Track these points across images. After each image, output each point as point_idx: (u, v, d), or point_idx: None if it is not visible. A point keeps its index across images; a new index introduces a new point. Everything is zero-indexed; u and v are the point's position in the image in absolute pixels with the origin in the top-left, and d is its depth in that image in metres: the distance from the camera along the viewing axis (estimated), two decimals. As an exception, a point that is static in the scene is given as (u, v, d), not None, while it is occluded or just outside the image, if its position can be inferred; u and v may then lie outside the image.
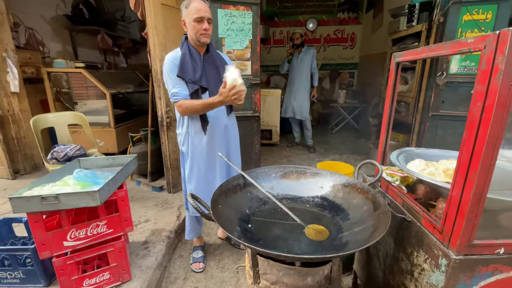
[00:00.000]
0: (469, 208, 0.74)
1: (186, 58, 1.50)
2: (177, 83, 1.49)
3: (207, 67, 1.58)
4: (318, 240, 1.02)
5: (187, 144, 1.64)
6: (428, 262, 0.91)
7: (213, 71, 1.60)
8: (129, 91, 3.82)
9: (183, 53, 1.51)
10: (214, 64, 1.62)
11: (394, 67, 1.14)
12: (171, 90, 1.50)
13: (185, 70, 1.49)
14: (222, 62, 1.66)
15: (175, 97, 1.50)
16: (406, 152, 1.26)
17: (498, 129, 0.68)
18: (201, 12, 1.43)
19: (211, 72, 1.59)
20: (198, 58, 1.54)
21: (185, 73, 1.49)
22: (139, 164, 2.88)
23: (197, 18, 1.43)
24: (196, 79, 1.51)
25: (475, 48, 0.73)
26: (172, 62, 1.50)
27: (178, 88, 1.49)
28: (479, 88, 0.71)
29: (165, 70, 1.51)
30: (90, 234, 1.40)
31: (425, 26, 2.70)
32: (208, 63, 1.59)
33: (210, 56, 1.61)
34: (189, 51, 1.52)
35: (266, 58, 6.34)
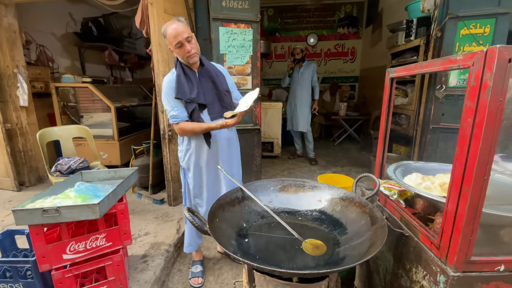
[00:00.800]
0: (464, 223, 0.74)
1: (181, 79, 1.52)
2: (175, 106, 1.53)
3: (203, 83, 1.59)
4: (316, 255, 1.01)
5: (187, 159, 1.65)
6: (426, 279, 0.90)
7: (209, 85, 1.61)
8: (134, 105, 3.90)
9: (178, 74, 1.53)
10: (210, 78, 1.62)
11: (389, 82, 1.17)
12: (170, 112, 1.53)
13: (182, 91, 1.51)
14: (217, 74, 1.66)
15: (174, 119, 1.52)
16: (403, 165, 1.26)
17: (490, 144, 0.68)
18: (178, 37, 1.43)
19: (208, 87, 1.60)
20: (193, 76, 1.56)
21: (182, 93, 1.51)
22: (140, 177, 2.90)
23: (176, 44, 1.45)
24: (193, 98, 1.53)
25: (464, 65, 0.75)
26: (169, 85, 1.54)
27: (176, 111, 1.52)
28: (469, 103, 0.72)
29: (163, 93, 1.55)
30: (89, 247, 1.41)
31: (423, 41, 2.75)
32: (204, 78, 1.60)
33: (205, 71, 1.62)
34: (183, 71, 1.54)
35: (268, 72, 6.46)
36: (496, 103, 0.67)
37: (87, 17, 4.52)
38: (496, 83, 0.66)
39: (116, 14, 4.61)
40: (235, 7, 2.33)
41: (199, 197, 1.73)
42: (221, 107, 1.65)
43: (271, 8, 6.09)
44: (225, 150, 1.70)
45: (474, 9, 2.33)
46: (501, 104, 0.67)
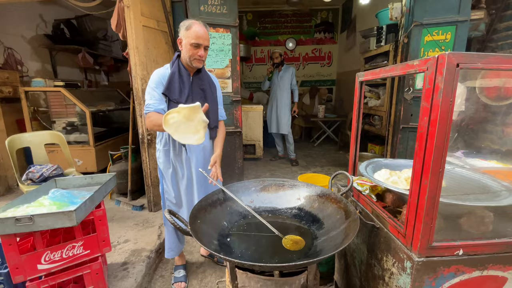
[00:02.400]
0: (425, 212, 0.82)
1: (174, 77, 1.50)
2: (155, 97, 1.48)
3: (194, 88, 1.58)
4: (295, 250, 1.06)
5: (164, 161, 1.64)
6: (395, 266, 0.97)
7: (200, 92, 1.61)
8: (110, 109, 3.79)
9: (172, 72, 1.50)
10: (202, 86, 1.62)
11: (358, 85, 1.25)
12: (147, 101, 1.49)
13: (172, 89, 1.49)
14: (210, 84, 1.67)
15: (147, 108, 1.47)
16: (374, 162, 1.35)
17: (443, 140, 0.77)
18: (200, 40, 1.43)
19: (198, 94, 1.59)
20: (186, 78, 1.54)
21: (171, 92, 1.49)
22: (119, 183, 2.82)
23: (195, 43, 1.43)
24: (181, 100, 1.51)
25: (420, 70, 0.83)
26: (159, 78, 1.50)
27: (154, 101, 1.47)
28: (425, 104, 0.80)
29: (150, 83, 1.50)
30: (65, 256, 1.36)
31: (392, 46, 2.93)
32: (196, 84, 1.59)
33: (200, 78, 1.61)
34: (178, 70, 1.52)
35: (248, 75, 6.52)
36: (447, 103, 0.75)
37: (58, 18, 4.33)
38: (446, 86, 0.74)
39: (90, 16, 4.46)
40: (214, 12, 2.37)
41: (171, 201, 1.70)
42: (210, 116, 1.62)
43: (250, 12, 6.18)
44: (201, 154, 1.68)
45: (436, 17, 2.54)
46: (451, 104, 0.75)
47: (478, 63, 0.76)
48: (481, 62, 0.76)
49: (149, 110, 1.47)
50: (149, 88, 1.51)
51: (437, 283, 0.90)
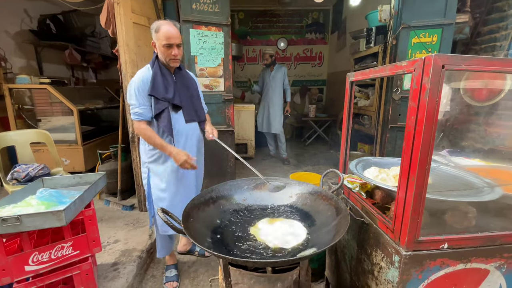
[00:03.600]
0: (412, 207, 0.85)
1: (157, 77, 1.53)
2: (143, 104, 1.51)
3: (178, 85, 1.62)
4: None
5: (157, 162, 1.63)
6: (384, 260, 1.00)
7: (184, 88, 1.65)
8: (99, 107, 3.72)
9: (154, 72, 1.53)
10: (185, 82, 1.67)
11: (349, 85, 1.28)
12: (135, 109, 1.51)
13: (157, 89, 1.51)
14: (192, 83, 1.72)
15: (138, 116, 1.51)
16: (364, 161, 1.39)
17: (429, 138, 0.80)
18: (170, 39, 1.47)
19: (182, 90, 1.63)
20: (169, 77, 1.58)
21: (157, 91, 1.51)
22: (108, 182, 2.77)
23: (166, 44, 1.47)
24: (168, 97, 1.54)
25: (408, 71, 0.87)
26: (142, 81, 1.51)
27: (143, 109, 1.51)
28: (412, 104, 0.84)
29: (132, 87, 1.51)
30: (54, 257, 1.34)
31: (381, 48, 3.00)
32: (179, 81, 1.64)
33: (182, 75, 1.66)
34: (160, 70, 1.55)
35: (240, 74, 6.52)
36: (433, 103, 0.78)
37: (44, 14, 4.20)
38: (432, 86, 0.77)
39: (77, 12, 4.35)
40: (206, 10, 2.36)
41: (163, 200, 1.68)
42: (195, 111, 1.69)
43: (242, 11, 6.18)
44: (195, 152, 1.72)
45: (423, 20, 2.61)
46: (437, 104, 0.78)
47: (462, 65, 0.79)
48: (465, 64, 0.79)
49: (139, 119, 1.52)
50: (133, 91, 1.51)
51: (423, 276, 0.93)
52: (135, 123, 1.54)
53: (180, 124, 1.62)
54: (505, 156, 1.81)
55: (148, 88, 1.51)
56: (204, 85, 2.44)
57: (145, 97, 1.51)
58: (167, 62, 1.54)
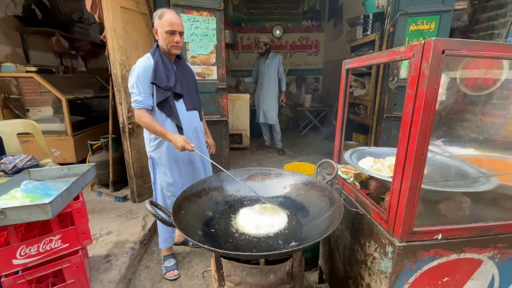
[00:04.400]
0: (407, 198, 0.83)
1: (159, 66, 1.52)
2: (143, 92, 1.51)
3: (180, 75, 1.62)
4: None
5: (158, 148, 1.63)
6: (378, 251, 1.00)
7: (184, 77, 1.66)
8: (88, 97, 3.61)
9: (156, 61, 1.52)
10: (185, 73, 1.68)
11: (345, 73, 1.24)
12: (136, 97, 1.51)
13: (159, 77, 1.51)
14: (191, 73, 1.74)
15: (138, 104, 1.51)
16: (359, 151, 1.36)
17: (426, 127, 0.77)
18: (173, 26, 1.47)
19: (183, 79, 1.64)
20: (170, 66, 1.58)
21: (159, 79, 1.51)
22: (100, 174, 2.73)
23: (169, 30, 1.47)
24: (170, 85, 1.54)
25: (406, 56, 0.83)
26: (144, 69, 1.50)
27: (143, 97, 1.51)
28: (410, 91, 0.80)
29: (134, 75, 1.50)
30: (42, 250, 1.30)
31: (378, 35, 2.94)
32: (180, 71, 1.64)
33: (181, 65, 1.67)
34: (161, 59, 1.54)
35: (234, 63, 6.39)
36: (431, 90, 0.75)
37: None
38: (431, 72, 0.74)
39: (63, -4, 4.16)
40: (197, -6, 2.25)
41: (172, 188, 1.71)
42: (195, 100, 1.72)
43: (236, -3, 5.99)
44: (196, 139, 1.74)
45: (421, 6, 2.55)
46: (436, 91, 0.75)
47: (463, 50, 0.75)
48: (466, 49, 0.76)
49: (140, 106, 1.52)
50: (135, 80, 1.51)
51: (416, 266, 0.93)
52: (135, 111, 1.54)
53: (182, 112, 1.63)
54: (499, 146, 1.80)
55: (150, 77, 1.51)
56: (197, 73, 2.35)
57: (146, 86, 1.51)
58: (168, 49, 1.53)
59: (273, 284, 1.03)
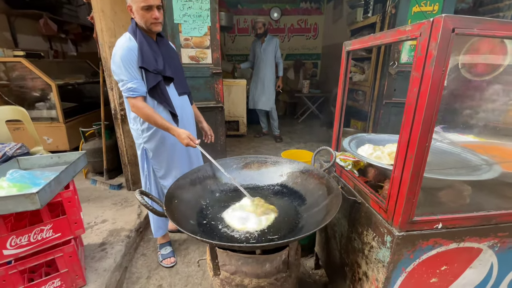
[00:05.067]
0: (408, 187, 0.80)
1: (144, 47, 1.37)
2: (135, 77, 1.35)
3: (165, 55, 1.49)
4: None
5: (150, 139, 1.53)
6: (375, 240, 0.97)
7: (171, 60, 1.53)
8: (80, 82, 3.50)
9: (140, 42, 1.37)
10: (170, 53, 1.54)
11: (345, 55, 1.17)
12: (127, 84, 1.34)
13: (147, 60, 1.37)
14: (175, 53, 1.61)
15: (132, 92, 1.35)
16: (358, 138, 1.32)
17: (432, 112, 0.72)
18: (149, 1, 1.30)
19: (169, 60, 1.51)
20: (155, 46, 1.44)
21: (149, 63, 1.37)
22: (94, 161, 2.68)
23: (145, 6, 1.31)
24: (160, 68, 1.41)
25: (412, 36, 0.76)
26: (128, 51, 1.33)
27: (136, 83, 1.35)
28: (415, 74, 0.75)
29: (118, 60, 1.33)
30: (34, 240, 1.28)
31: (379, 17, 2.83)
32: (165, 52, 1.50)
33: (164, 44, 1.53)
34: (145, 39, 1.39)
35: (230, 47, 6.20)
36: (439, 72, 0.70)
37: (13, -23, 3.78)
38: (440, 53, 0.68)
39: (49, -25, 3.94)
40: (190, -28, 2.12)
41: (167, 178, 1.64)
42: (184, 83, 1.61)
43: (232, -23, 5.73)
44: (191, 125, 1.68)
45: (425, -14, 2.43)
46: (444, 74, 0.70)
47: (474, 29, 0.69)
48: (478, 28, 0.70)
49: (135, 95, 1.36)
50: (121, 65, 1.33)
51: (415, 256, 0.91)
52: (130, 101, 1.38)
53: (174, 98, 1.52)
54: (500, 132, 1.77)
55: (136, 60, 1.35)
56: (190, 57, 2.27)
57: (134, 70, 1.35)
58: (148, 27, 1.37)
59: (269, 273, 1.02)
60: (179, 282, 1.69)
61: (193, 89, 2.34)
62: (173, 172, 1.63)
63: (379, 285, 0.97)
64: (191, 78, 2.29)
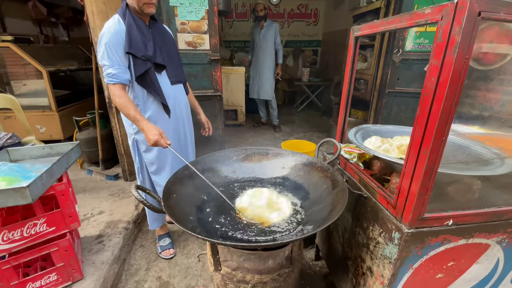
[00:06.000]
0: (420, 183, 0.75)
1: (133, 31, 1.28)
2: (117, 63, 1.27)
3: (158, 41, 1.39)
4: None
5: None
6: (382, 236, 0.94)
7: (164, 44, 1.43)
8: (72, 69, 3.37)
9: (129, 24, 1.28)
10: (164, 38, 1.45)
11: (353, 41, 1.10)
12: (108, 69, 1.26)
13: (135, 46, 1.28)
14: (170, 37, 1.51)
15: (112, 78, 1.27)
16: (363, 129, 1.27)
17: (451, 104, 0.67)
18: None
19: (163, 46, 1.42)
20: (146, 30, 1.34)
21: (137, 48, 1.28)
22: (89, 151, 2.61)
23: None
24: (149, 55, 1.32)
25: (432, 20, 0.70)
26: (114, 35, 1.25)
27: (117, 69, 1.27)
28: (434, 62, 0.69)
29: (103, 42, 1.26)
30: (27, 234, 1.24)
31: (384, 2, 2.71)
32: (158, 36, 1.41)
33: (158, 28, 1.43)
34: (134, 21, 1.29)
35: (228, 32, 6.02)
36: (461, 60, 0.64)
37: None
38: (464, 39, 0.62)
39: (36, -47, 3.72)
40: (186, -50, 1.99)
41: (159, 174, 1.59)
42: (178, 70, 1.52)
43: (230, -41, 5.47)
44: (185, 117, 1.61)
45: (432, -31, 2.32)
46: (466, 62, 0.64)
47: (501, 13, 0.63)
48: (504, 12, 0.63)
49: (115, 81, 1.28)
50: (105, 48, 1.26)
51: (423, 252, 0.88)
52: (109, 88, 1.30)
53: (166, 87, 1.43)
54: (505, 124, 1.72)
55: (124, 45, 1.27)
56: (187, 42, 2.16)
57: (119, 55, 1.27)
58: (140, 8, 1.28)
59: (272, 269, 0.99)
60: (178, 273, 1.67)
61: (190, 77, 2.26)
62: (166, 168, 1.56)
63: (384, 281, 0.94)
64: (187, 65, 2.20)
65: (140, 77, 1.33)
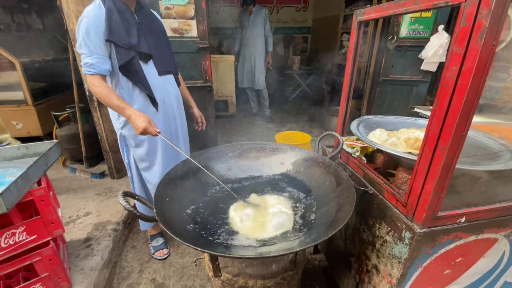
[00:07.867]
0: (436, 182, 0.70)
1: (113, 16, 1.16)
2: (95, 52, 1.16)
3: (145, 28, 1.27)
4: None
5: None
6: (390, 235, 0.90)
7: (151, 31, 1.31)
8: (49, 59, 3.13)
9: (109, 9, 1.15)
10: (151, 25, 1.32)
11: (356, 26, 1.02)
12: (86, 59, 1.15)
13: (116, 32, 1.16)
14: (159, 24, 1.38)
15: (90, 68, 1.16)
16: (365, 121, 1.21)
17: (475, 96, 0.61)
18: None
19: (150, 33, 1.30)
20: (130, 16, 1.22)
21: (117, 35, 1.16)
22: (70, 149, 2.45)
23: None
24: (132, 43, 1.20)
25: (454, 1, 0.62)
26: (94, 20, 1.13)
27: (96, 58, 1.16)
28: (456, 49, 0.62)
29: (82, 29, 1.14)
30: (5, 245, 1.12)
31: (378, -14, 2.63)
32: (144, 23, 1.28)
33: (145, 14, 1.30)
34: (115, 6, 1.17)
35: (215, 19, 5.77)
36: (488, 47, 0.57)
37: None
38: (492, 23, 0.55)
39: None
40: None
41: (149, 171, 1.50)
42: (167, 60, 1.40)
43: None
44: (176, 110, 1.50)
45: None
46: (493, 49, 0.57)
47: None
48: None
49: (92, 72, 1.17)
50: (82, 35, 1.14)
51: (433, 251, 0.85)
52: (88, 78, 1.19)
53: (152, 78, 1.32)
54: (501, 111, 1.71)
55: (104, 32, 1.15)
56: (172, 29, 2.01)
57: (97, 43, 1.16)
58: None
59: (276, 273, 0.93)
60: (174, 274, 1.61)
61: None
62: (156, 164, 1.47)
63: (392, 280, 0.91)
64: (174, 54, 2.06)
65: (124, 67, 1.22)
